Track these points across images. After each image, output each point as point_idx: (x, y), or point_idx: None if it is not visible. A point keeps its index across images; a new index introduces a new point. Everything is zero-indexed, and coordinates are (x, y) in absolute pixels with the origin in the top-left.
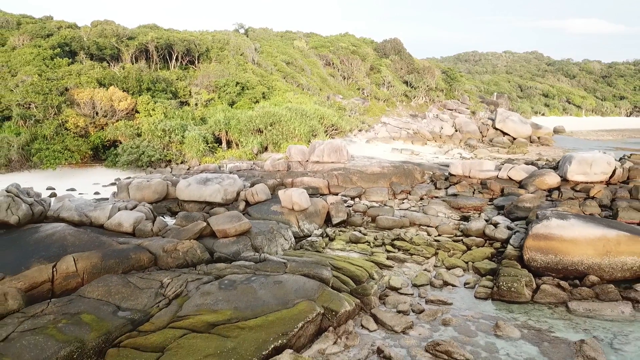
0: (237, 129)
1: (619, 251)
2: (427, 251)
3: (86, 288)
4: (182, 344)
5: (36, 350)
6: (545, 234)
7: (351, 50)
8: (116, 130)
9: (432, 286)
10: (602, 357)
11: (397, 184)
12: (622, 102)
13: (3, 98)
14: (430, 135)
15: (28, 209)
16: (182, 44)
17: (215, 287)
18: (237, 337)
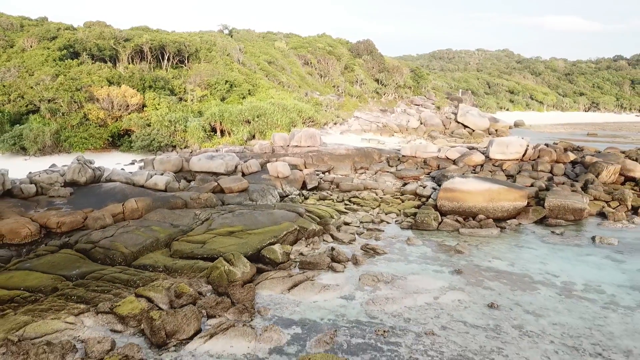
0: (229, 120)
1: (499, 199)
2: (373, 204)
3: (149, 215)
4: (214, 240)
5: (132, 239)
6: (451, 188)
7: (327, 50)
8: (130, 121)
9: (372, 222)
10: (467, 251)
11: (358, 162)
12: (581, 98)
13: (26, 94)
14: (398, 128)
15: (92, 173)
16: (173, 45)
17: (230, 215)
18: (247, 237)
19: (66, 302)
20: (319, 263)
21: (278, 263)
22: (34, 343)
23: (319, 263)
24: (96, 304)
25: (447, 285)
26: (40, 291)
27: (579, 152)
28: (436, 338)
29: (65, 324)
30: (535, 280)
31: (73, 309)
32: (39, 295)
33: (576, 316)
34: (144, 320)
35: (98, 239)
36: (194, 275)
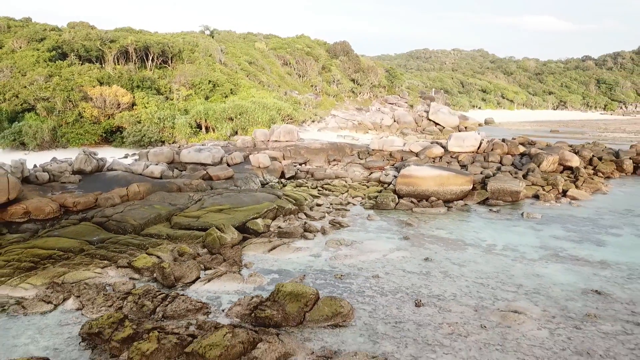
0: (213, 117)
1: (448, 183)
2: (342, 190)
3: (149, 197)
4: (207, 215)
5: (139, 214)
6: (407, 174)
7: (306, 51)
8: (121, 118)
9: (341, 204)
10: (416, 224)
11: (332, 155)
12: (550, 97)
13: (20, 94)
14: (372, 125)
15: (96, 163)
16: (157, 46)
17: (219, 197)
18: (234, 213)
19: (92, 259)
20: (293, 233)
21: (260, 233)
22: (73, 285)
23: (293, 233)
24: (116, 260)
25: (395, 247)
26: (71, 251)
27: (532, 145)
28: (380, 279)
29: (94, 274)
30: (466, 243)
31: (98, 263)
32: (69, 254)
33: (490, 266)
34: (156, 269)
35: (111, 214)
36: (192, 242)
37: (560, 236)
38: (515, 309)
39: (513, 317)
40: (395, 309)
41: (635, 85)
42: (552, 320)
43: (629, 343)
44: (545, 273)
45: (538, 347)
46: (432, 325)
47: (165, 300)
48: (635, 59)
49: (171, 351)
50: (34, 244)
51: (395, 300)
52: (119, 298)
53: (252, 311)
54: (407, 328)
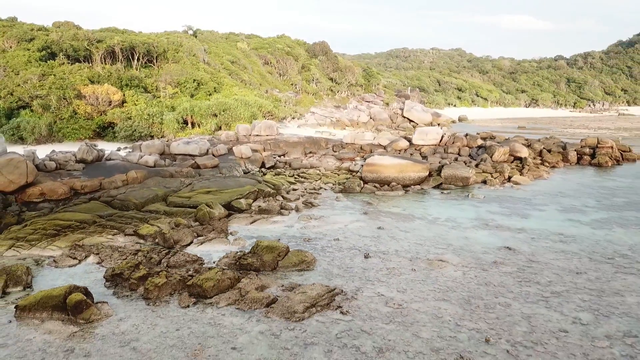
0: (199, 114)
1: (407, 170)
2: (316, 177)
3: (146, 181)
4: (197, 196)
5: (139, 195)
6: (371, 163)
7: (286, 51)
8: (113, 115)
9: (314, 189)
10: (376, 203)
11: (308, 148)
12: (522, 95)
13: (15, 92)
14: (349, 122)
15: (96, 153)
16: (143, 46)
17: (207, 181)
18: (220, 194)
19: (104, 228)
20: (271, 210)
21: (243, 210)
22: (91, 247)
23: (271, 210)
24: (123, 230)
25: (355, 219)
26: (85, 222)
27: (492, 139)
28: (339, 241)
29: (107, 239)
30: (415, 217)
31: (109, 232)
32: (85, 225)
33: (430, 232)
34: (158, 235)
35: (115, 195)
36: (185, 216)
37: (495, 211)
38: (440, 259)
39: (437, 264)
40: (348, 259)
41: (603, 84)
42: (467, 265)
43: (518, 277)
44: (473, 236)
45: (451, 281)
46: (374, 269)
47: (168, 255)
48: (604, 59)
49: (176, 284)
50: (55, 217)
51: (349, 254)
52: (131, 253)
53: (237, 261)
54: (355, 271)
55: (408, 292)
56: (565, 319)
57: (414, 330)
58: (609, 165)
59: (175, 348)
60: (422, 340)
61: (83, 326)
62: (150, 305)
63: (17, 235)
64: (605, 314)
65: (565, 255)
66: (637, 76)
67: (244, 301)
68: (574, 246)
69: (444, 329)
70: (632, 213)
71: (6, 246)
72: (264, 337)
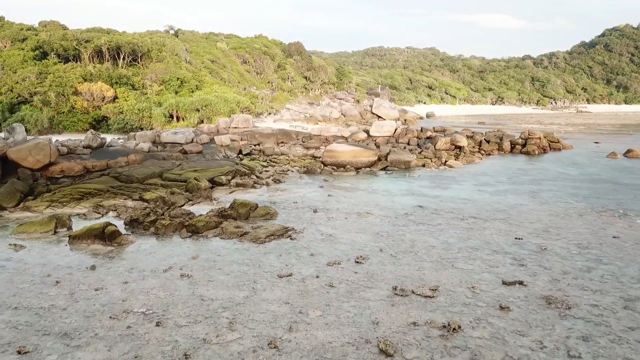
0: (183, 109)
1: (360, 156)
2: (285, 162)
3: (144, 163)
4: (187, 173)
5: (141, 172)
6: (330, 149)
7: (263, 51)
8: (107, 109)
9: (282, 171)
10: (331, 180)
11: (280, 138)
12: (489, 93)
13: (14, 88)
14: (322, 118)
15: (100, 141)
16: (128, 46)
17: (193, 163)
18: (204, 172)
19: (115, 195)
20: (246, 184)
21: (223, 184)
22: (109, 206)
23: (246, 184)
24: (131, 196)
25: (312, 191)
26: (101, 190)
27: (442, 132)
28: (297, 203)
29: (120, 202)
30: (359, 189)
31: (121, 197)
32: (101, 192)
33: (367, 198)
34: (159, 199)
35: (121, 172)
36: (178, 187)
37: (422, 185)
38: (367, 212)
39: (364, 215)
40: (301, 213)
41: (566, 83)
42: (386, 216)
43: (417, 222)
44: (398, 200)
45: (370, 224)
46: (318, 218)
47: (169, 209)
48: (567, 59)
49: (177, 225)
50: (76, 187)
51: (303, 210)
52: (140, 208)
53: (219, 213)
54: (305, 219)
55: (338, 229)
56: (437, 241)
57: (336, 246)
58: (536, 154)
59: (182, 255)
60: (340, 250)
61: (117, 247)
62: (160, 237)
63: (51, 199)
64: (465, 239)
65: (459, 210)
66: (597, 75)
67: (225, 233)
68: (469, 205)
69: (355, 246)
70: (528, 186)
71: (44, 206)
72: (238, 251)
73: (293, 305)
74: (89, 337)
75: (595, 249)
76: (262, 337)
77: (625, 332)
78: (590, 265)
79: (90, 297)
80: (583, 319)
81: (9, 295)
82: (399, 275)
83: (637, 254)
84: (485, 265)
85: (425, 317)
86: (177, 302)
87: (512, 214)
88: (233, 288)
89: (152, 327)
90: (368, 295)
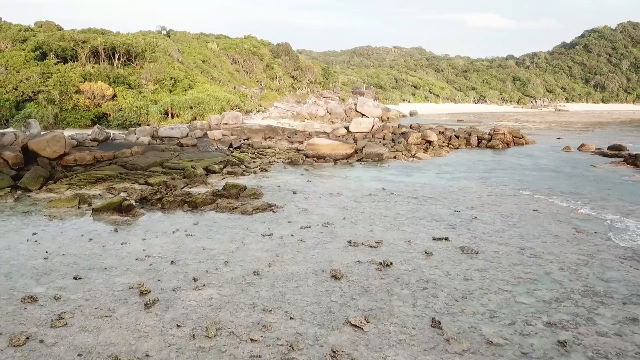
0: (177, 106)
1: (338, 149)
2: (271, 154)
3: (146, 153)
4: (184, 162)
5: (144, 161)
6: (312, 143)
7: (252, 51)
8: (107, 107)
9: (269, 162)
10: (311, 169)
11: (267, 134)
12: (472, 92)
13: (19, 87)
14: (308, 115)
15: (105, 135)
16: (123, 47)
17: (189, 154)
18: (200, 162)
19: (124, 180)
20: (236, 172)
21: (216, 172)
22: (120, 189)
23: (236, 172)
24: (137, 180)
25: (294, 177)
26: (111, 176)
27: (417, 128)
28: (280, 187)
29: (129, 185)
30: (335, 176)
31: (129, 181)
32: (111, 177)
33: (340, 183)
34: (162, 183)
35: (127, 161)
36: (177, 174)
37: (390, 173)
38: (339, 193)
39: (336, 195)
40: (283, 194)
41: (546, 82)
42: (353, 196)
43: (379, 200)
44: (366, 184)
45: (339, 202)
46: (298, 198)
47: (171, 190)
48: (548, 59)
49: (179, 202)
50: (90, 173)
51: (284, 192)
52: (148, 190)
53: (214, 193)
54: (286, 199)
55: (313, 205)
56: (390, 213)
57: (309, 217)
58: (500, 148)
59: (185, 223)
60: (312, 219)
61: (132, 217)
62: (166, 211)
63: (69, 182)
64: (413, 212)
65: (415, 192)
66: (576, 75)
67: (219, 208)
68: (426, 188)
69: (324, 216)
70: (481, 174)
71: (64, 188)
72: (230, 219)
73: (272, 252)
74: (123, 270)
75: (515, 218)
76: (248, 270)
77: (510, 267)
78: (505, 228)
79: (118, 248)
80: (483, 260)
81: (56, 248)
82: (355, 234)
83: (545, 221)
84: (424, 228)
85: (368, 258)
86: (185, 251)
87: (459, 194)
88: (227, 242)
89: (168, 264)
90: (329, 247)
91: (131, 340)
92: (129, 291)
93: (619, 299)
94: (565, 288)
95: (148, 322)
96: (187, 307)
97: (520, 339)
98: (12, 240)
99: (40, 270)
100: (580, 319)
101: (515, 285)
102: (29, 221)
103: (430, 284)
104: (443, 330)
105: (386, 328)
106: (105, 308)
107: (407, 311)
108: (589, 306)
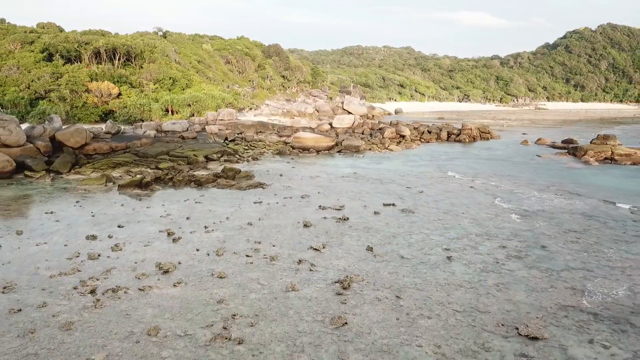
0: (177, 104)
1: (320, 141)
2: (262, 146)
3: (154, 144)
4: (187, 152)
5: (154, 150)
6: (298, 136)
7: (245, 52)
8: (113, 104)
9: (260, 153)
10: (296, 158)
11: (258, 129)
12: (456, 91)
13: (31, 86)
14: (298, 113)
15: (117, 128)
16: (123, 48)
17: (191, 145)
18: (200, 152)
19: (138, 165)
20: (232, 160)
21: (214, 160)
22: (136, 172)
23: (232, 160)
24: (149, 165)
25: (281, 165)
26: (127, 162)
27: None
28: (268, 171)
29: (143, 169)
30: (316, 164)
31: (142, 166)
32: (127, 163)
33: (320, 168)
34: (170, 167)
35: (139, 150)
36: (182, 161)
37: (364, 162)
38: (317, 176)
39: (315, 178)
40: (271, 177)
41: (528, 82)
42: (328, 178)
43: (350, 181)
44: (341, 170)
45: (316, 182)
46: (283, 179)
47: (178, 173)
48: (531, 59)
49: (187, 181)
50: (109, 160)
51: (272, 174)
52: (160, 172)
53: (214, 175)
54: (273, 179)
55: (295, 184)
56: (356, 189)
57: (291, 191)
58: (467, 142)
59: (193, 195)
60: (293, 193)
61: (150, 192)
62: (176, 188)
63: (93, 167)
64: (374, 188)
65: (381, 175)
66: (557, 75)
67: (219, 185)
68: (390, 173)
69: (303, 191)
70: (441, 162)
71: (90, 171)
72: (229, 193)
73: (261, 212)
74: (152, 222)
75: (453, 192)
76: (244, 222)
77: (434, 221)
78: (442, 199)
79: (144, 211)
80: (417, 216)
81: (97, 210)
82: (325, 202)
83: (477, 195)
84: (379, 199)
85: (331, 216)
86: (196, 212)
87: (416, 177)
88: (227, 207)
89: (184, 219)
90: (304, 210)
91: (167, 256)
92: (159, 233)
93: (501, 237)
94: (467, 231)
95: (176, 248)
96: (202, 241)
97: (423, 256)
98: (62, 206)
99: (91, 222)
100: (468, 247)
101: (433, 230)
102: (69, 194)
103: (372, 230)
104: (373, 252)
105: (335, 251)
106: (146, 241)
107: (352, 243)
108: (478, 241)
